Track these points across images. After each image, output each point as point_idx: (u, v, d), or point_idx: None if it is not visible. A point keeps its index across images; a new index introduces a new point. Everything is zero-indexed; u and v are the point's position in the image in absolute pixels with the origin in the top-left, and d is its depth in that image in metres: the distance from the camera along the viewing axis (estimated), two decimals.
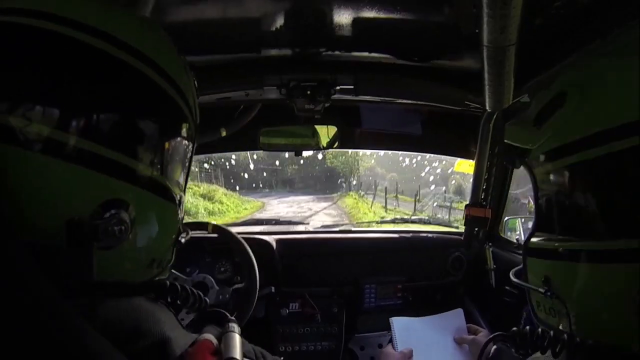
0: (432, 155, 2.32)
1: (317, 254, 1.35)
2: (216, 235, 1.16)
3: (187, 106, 0.44)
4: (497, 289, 1.24)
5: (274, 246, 1.30)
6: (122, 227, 0.35)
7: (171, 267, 0.47)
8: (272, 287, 1.23)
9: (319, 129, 1.19)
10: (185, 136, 0.44)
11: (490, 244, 1.29)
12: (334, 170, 20.00)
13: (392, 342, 0.98)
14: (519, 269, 0.55)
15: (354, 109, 1.29)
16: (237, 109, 1.16)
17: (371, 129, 1.37)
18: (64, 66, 0.34)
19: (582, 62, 0.50)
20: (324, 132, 1.19)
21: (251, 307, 1.09)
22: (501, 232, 1.35)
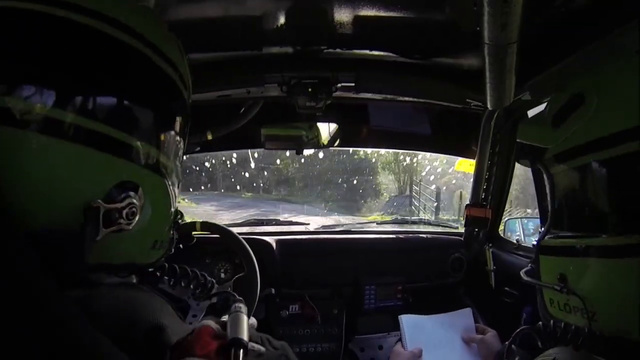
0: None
1: (316, 254, 1.34)
2: (209, 233, 1.13)
3: (187, 90, 0.44)
4: (497, 290, 1.24)
5: (274, 247, 1.29)
6: (134, 210, 0.35)
7: (169, 249, 0.47)
8: (272, 289, 1.22)
9: (320, 126, 1.18)
10: (184, 121, 0.45)
11: (490, 244, 1.29)
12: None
13: (401, 340, 0.96)
14: (529, 268, 0.56)
15: (355, 107, 1.29)
16: (225, 111, 1.16)
17: (372, 127, 1.37)
18: (63, 47, 0.33)
19: (598, 64, 0.52)
20: (325, 130, 1.18)
21: (256, 294, 1.05)
22: (501, 232, 1.35)
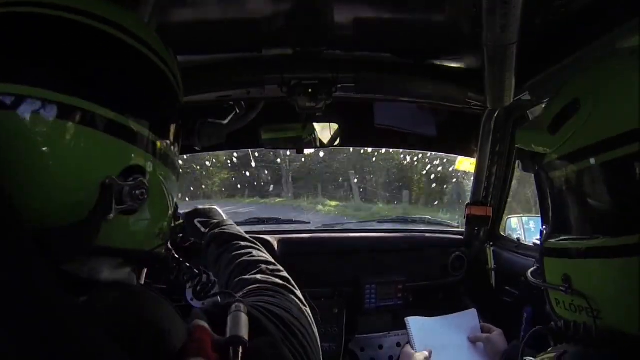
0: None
1: (317, 253, 1.34)
2: None
3: (178, 86, 0.45)
4: (498, 289, 1.24)
5: (276, 245, 1.30)
6: (144, 191, 0.36)
7: (169, 240, 0.47)
8: None
9: (320, 126, 1.18)
10: (181, 119, 0.46)
11: (491, 243, 1.29)
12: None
13: (409, 342, 0.98)
14: (534, 269, 0.57)
15: (356, 107, 1.29)
16: (213, 113, 1.16)
17: (373, 127, 1.36)
18: (68, 45, 0.35)
19: (591, 67, 0.52)
20: (326, 130, 1.18)
21: None
22: (502, 231, 1.35)
